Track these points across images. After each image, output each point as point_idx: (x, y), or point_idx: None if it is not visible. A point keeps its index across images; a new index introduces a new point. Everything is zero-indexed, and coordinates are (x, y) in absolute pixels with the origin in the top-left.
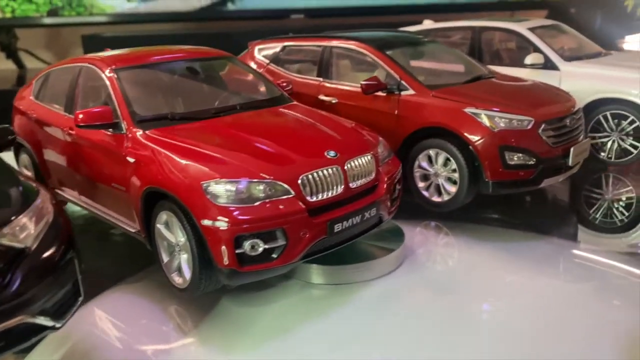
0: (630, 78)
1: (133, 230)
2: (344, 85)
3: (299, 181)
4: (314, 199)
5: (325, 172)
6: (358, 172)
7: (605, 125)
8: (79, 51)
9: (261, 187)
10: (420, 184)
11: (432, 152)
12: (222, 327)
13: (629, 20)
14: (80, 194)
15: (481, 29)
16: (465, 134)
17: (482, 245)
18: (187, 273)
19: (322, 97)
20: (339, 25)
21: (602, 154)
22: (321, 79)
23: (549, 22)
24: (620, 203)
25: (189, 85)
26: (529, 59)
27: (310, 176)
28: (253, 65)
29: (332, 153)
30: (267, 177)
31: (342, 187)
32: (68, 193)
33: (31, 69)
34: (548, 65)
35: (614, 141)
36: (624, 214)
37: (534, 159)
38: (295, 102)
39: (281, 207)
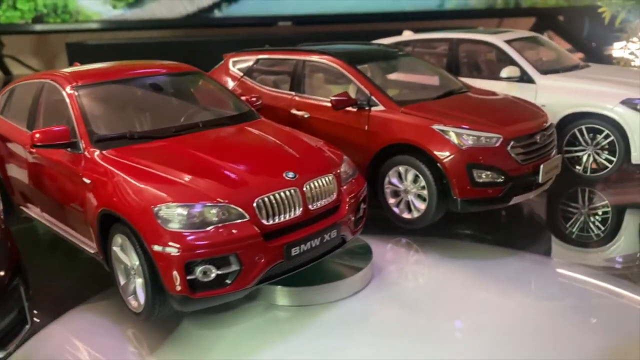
0: (605, 92)
1: (92, 251)
2: (315, 99)
3: (255, 204)
4: (270, 222)
5: (282, 194)
6: (318, 193)
7: (581, 139)
8: (65, 58)
9: (215, 211)
10: (391, 200)
11: (401, 169)
12: (182, 350)
13: (608, 32)
14: (43, 212)
15: (459, 41)
16: (433, 151)
17: (454, 262)
18: (142, 297)
19: (294, 111)
20: (325, 33)
21: (578, 167)
22: (294, 93)
23: (529, 33)
24: (596, 217)
25: (152, 102)
26: (505, 72)
27: (266, 199)
28: (227, 78)
29: (290, 174)
30: (222, 200)
31: (301, 209)
32: (32, 210)
33: (17, 75)
34: (524, 78)
35: (589, 155)
36: (599, 229)
37: (503, 177)
38: (262, 119)
39: (235, 231)
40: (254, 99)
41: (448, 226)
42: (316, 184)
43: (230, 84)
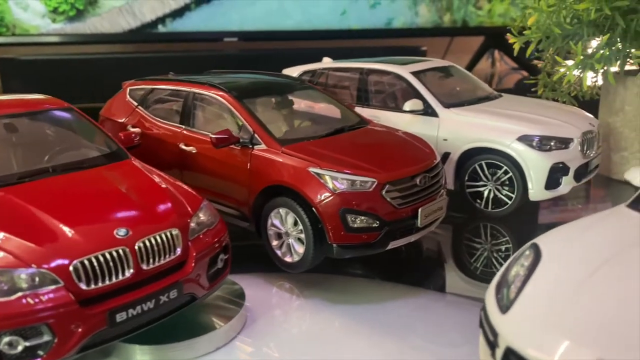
0: (504, 128)
1: None
2: (203, 134)
3: (71, 268)
4: (92, 286)
5: (108, 255)
6: (155, 251)
7: (481, 174)
8: None
9: (24, 276)
10: (274, 242)
11: (282, 211)
12: None
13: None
14: None
15: (369, 70)
16: (309, 195)
17: (340, 305)
18: None
19: (182, 146)
20: (272, 50)
21: (479, 202)
22: (183, 127)
23: (443, 63)
24: (498, 253)
25: (5, 144)
26: (408, 105)
27: (86, 261)
28: (123, 107)
29: (122, 231)
30: (33, 265)
31: (132, 270)
32: None
33: None
34: (428, 111)
35: (490, 190)
36: (500, 264)
37: (378, 222)
38: (129, 160)
39: (45, 299)
40: (133, 135)
41: (342, 262)
42: (153, 241)
43: (124, 113)
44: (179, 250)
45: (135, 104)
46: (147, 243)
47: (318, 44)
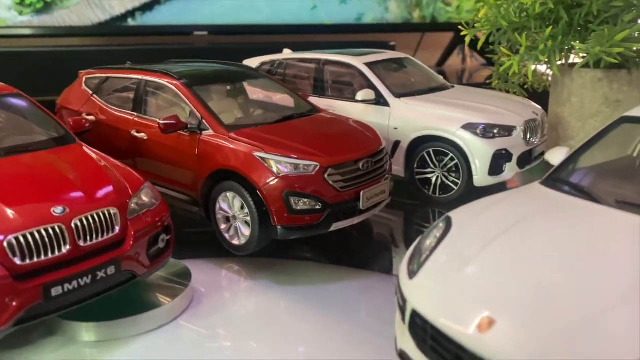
0: (450, 116)
1: None
2: (153, 121)
3: (5, 244)
4: (27, 261)
5: (44, 231)
6: (92, 229)
7: (429, 161)
8: None
9: None
10: (223, 226)
11: (229, 195)
12: None
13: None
14: None
15: (325, 61)
16: (254, 178)
17: (287, 287)
18: None
19: (134, 132)
20: (242, 44)
21: (427, 188)
22: (135, 114)
23: (398, 55)
24: None
25: None
26: (361, 95)
27: (21, 237)
28: (79, 95)
29: (59, 209)
30: None
31: (68, 247)
32: None
33: None
34: (380, 101)
35: (437, 177)
36: None
37: (321, 204)
38: (76, 144)
39: None
40: (83, 121)
41: (292, 247)
42: (90, 219)
43: (80, 102)
44: (117, 229)
45: (91, 92)
46: (84, 221)
47: (288, 39)
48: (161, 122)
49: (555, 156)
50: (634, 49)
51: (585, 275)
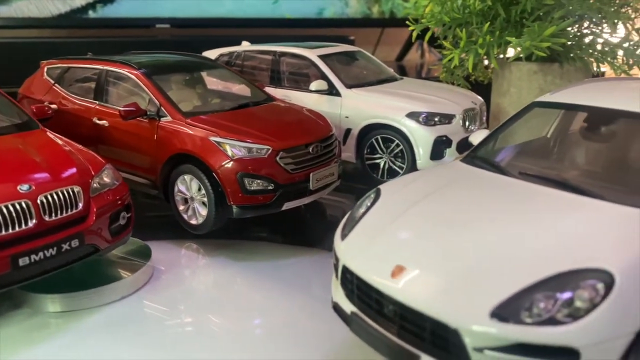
0: (395, 105)
1: None
2: (114, 109)
3: None
4: None
5: (11, 206)
6: (57, 205)
7: (378, 147)
8: None
9: None
10: (181, 207)
11: (187, 177)
12: None
13: None
14: None
15: (281, 53)
16: (210, 161)
17: (243, 263)
18: None
19: (96, 120)
20: (204, 37)
21: (376, 173)
22: (97, 102)
23: (350, 48)
24: None
25: None
26: (314, 85)
27: None
28: (40, 85)
29: (25, 187)
30: None
31: (34, 221)
32: None
33: None
34: (333, 91)
35: (385, 162)
36: None
37: (273, 185)
38: (40, 129)
39: None
40: (45, 108)
41: (248, 228)
42: (55, 196)
43: (42, 91)
44: (80, 205)
45: (52, 81)
46: (49, 198)
47: (250, 32)
48: (121, 109)
49: (476, 137)
50: (562, 43)
51: (484, 229)
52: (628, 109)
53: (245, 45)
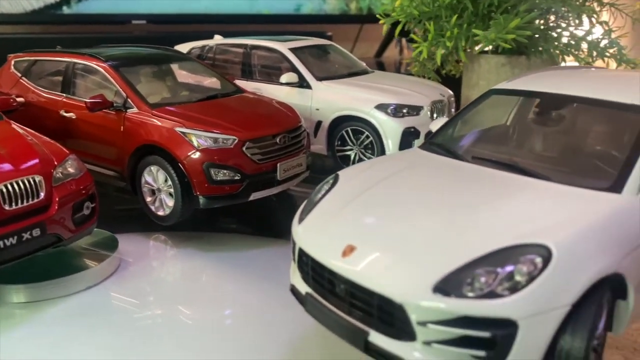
0: (365, 98)
1: None
2: (82, 101)
3: None
4: None
5: None
6: (17, 194)
7: (348, 139)
8: None
9: None
10: (149, 199)
11: (153, 169)
12: None
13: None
14: None
15: (252, 47)
16: (176, 152)
17: (210, 254)
18: None
19: (63, 112)
20: (180, 33)
21: (347, 164)
22: (64, 95)
23: (322, 42)
24: None
25: None
26: (284, 78)
27: None
28: (7, 78)
29: None
30: None
31: None
32: None
33: None
34: (303, 84)
35: (355, 154)
36: None
37: (239, 175)
38: (4, 120)
39: None
40: (10, 100)
41: (217, 220)
42: (15, 186)
43: (9, 84)
44: (42, 195)
45: (19, 74)
46: (10, 187)
47: (227, 28)
48: (88, 100)
49: (435, 125)
50: (528, 35)
51: (433, 210)
52: (575, 94)
53: (218, 39)
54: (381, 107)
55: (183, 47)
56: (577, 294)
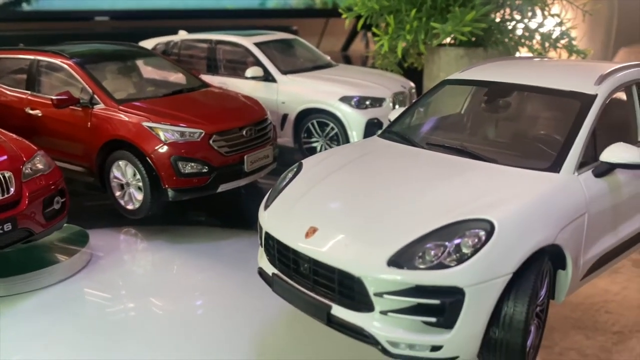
0: (329, 90)
1: None
2: (47, 98)
3: None
4: None
5: None
6: None
7: (314, 131)
8: None
9: None
10: (118, 193)
11: (121, 163)
12: None
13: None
14: None
15: (217, 41)
16: (143, 146)
17: (179, 247)
18: None
19: (28, 110)
20: (144, 29)
21: None
22: (29, 92)
23: (287, 36)
24: None
25: None
26: (249, 72)
27: None
28: None
29: None
30: None
31: None
32: None
33: None
34: (269, 78)
35: (322, 145)
36: None
37: (207, 167)
38: None
39: None
40: None
41: (187, 213)
42: None
43: None
44: (12, 190)
45: None
46: None
47: (192, 23)
48: (54, 97)
49: (393, 114)
50: (484, 28)
51: (388, 191)
52: (520, 82)
53: (182, 35)
54: (345, 100)
55: (148, 43)
56: (517, 263)
